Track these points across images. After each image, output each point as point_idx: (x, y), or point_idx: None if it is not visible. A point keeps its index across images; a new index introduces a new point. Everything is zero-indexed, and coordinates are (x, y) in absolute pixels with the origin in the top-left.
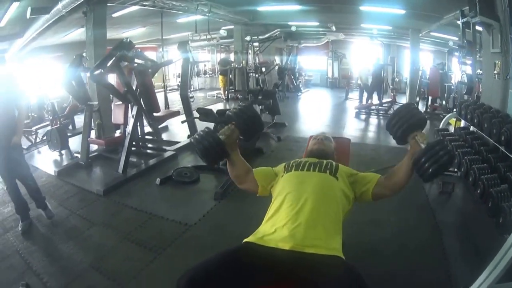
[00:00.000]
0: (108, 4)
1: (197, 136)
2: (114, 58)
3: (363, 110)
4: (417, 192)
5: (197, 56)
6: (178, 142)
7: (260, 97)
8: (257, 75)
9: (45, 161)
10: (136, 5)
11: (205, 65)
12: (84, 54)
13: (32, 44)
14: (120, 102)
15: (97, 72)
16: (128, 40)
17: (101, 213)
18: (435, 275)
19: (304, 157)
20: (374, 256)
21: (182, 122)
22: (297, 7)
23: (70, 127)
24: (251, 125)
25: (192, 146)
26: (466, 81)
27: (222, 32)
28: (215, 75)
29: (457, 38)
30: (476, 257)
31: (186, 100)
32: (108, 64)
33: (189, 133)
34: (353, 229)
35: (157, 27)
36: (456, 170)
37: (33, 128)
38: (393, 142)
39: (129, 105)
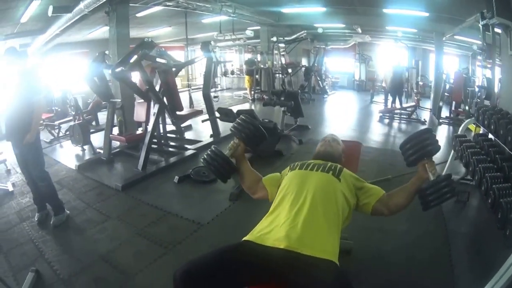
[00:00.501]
0: (131, 4)
1: (206, 157)
2: (135, 56)
3: (387, 114)
4: None
5: (224, 55)
6: (200, 141)
7: (282, 98)
8: (282, 76)
9: (67, 155)
10: (159, 5)
11: (232, 65)
12: (106, 52)
13: (56, 40)
14: (142, 100)
15: (118, 69)
16: (150, 39)
17: (117, 207)
18: (439, 287)
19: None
20: (380, 263)
21: (203, 121)
22: (322, 9)
23: (94, 123)
24: (253, 137)
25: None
26: (485, 85)
27: (249, 33)
28: (243, 75)
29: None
30: (483, 271)
31: (208, 100)
32: (130, 63)
33: (211, 133)
34: (362, 235)
35: (183, 27)
36: (471, 178)
37: (56, 123)
38: None
39: (151, 103)
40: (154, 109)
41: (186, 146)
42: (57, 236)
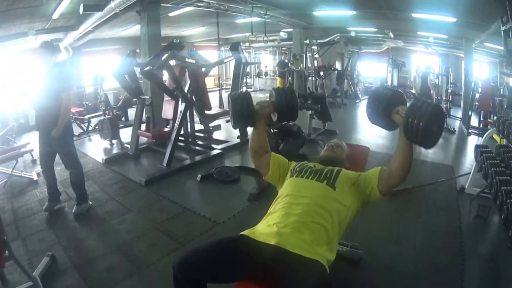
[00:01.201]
0: (162, 4)
1: (235, 95)
2: (164, 56)
3: None
4: (451, 213)
5: (259, 56)
6: (227, 142)
7: (309, 101)
8: (314, 79)
9: (95, 149)
10: (191, 6)
11: (266, 66)
12: (137, 50)
13: (89, 36)
14: (170, 98)
15: (146, 68)
16: (178, 40)
17: (138, 201)
18: None
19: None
20: (390, 274)
21: (227, 121)
22: (352, 12)
23: (124, 118)
24: (286, 107)
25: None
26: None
27: (283, 34)
28: (276, 76)
29: None
30: None
31: None
32: (158, 63)
33: (239, 134)
34: (374, 245)
35: (216, 27)
36: (489, 191)
37: (86, 117)
38: (439, 158)
39: (179, 101)
40: (181, 107)
41: (213, 145)
42: (77, 225)
